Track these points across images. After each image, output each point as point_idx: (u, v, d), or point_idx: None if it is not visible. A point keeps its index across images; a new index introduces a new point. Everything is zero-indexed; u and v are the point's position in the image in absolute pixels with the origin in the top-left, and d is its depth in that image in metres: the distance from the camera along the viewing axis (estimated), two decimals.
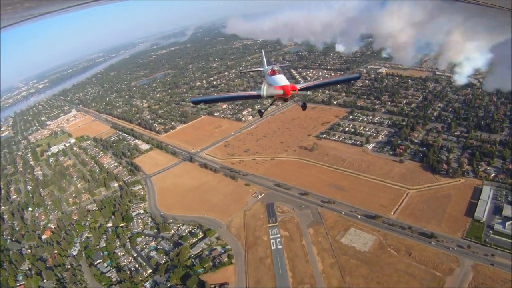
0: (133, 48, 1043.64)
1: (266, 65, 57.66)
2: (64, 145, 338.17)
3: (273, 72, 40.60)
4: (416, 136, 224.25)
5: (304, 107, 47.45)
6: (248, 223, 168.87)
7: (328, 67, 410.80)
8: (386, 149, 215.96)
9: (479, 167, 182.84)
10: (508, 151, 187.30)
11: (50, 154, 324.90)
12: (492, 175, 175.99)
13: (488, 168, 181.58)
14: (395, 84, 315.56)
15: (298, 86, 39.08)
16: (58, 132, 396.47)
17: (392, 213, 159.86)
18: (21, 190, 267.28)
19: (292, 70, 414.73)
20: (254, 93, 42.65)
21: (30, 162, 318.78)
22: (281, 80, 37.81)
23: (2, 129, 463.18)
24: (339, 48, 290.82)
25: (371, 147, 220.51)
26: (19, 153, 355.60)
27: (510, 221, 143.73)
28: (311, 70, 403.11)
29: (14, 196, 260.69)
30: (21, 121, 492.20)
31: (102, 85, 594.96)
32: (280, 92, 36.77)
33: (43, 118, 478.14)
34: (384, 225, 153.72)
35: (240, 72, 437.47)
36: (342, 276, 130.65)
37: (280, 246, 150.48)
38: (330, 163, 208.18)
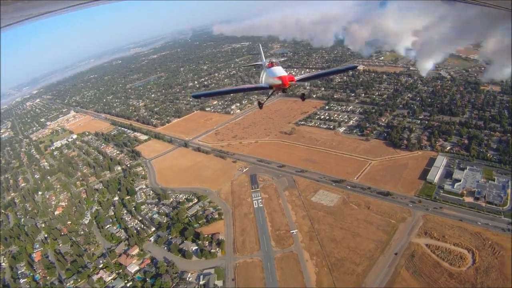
0: (124, 53, 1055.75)
1: (264, 58, 62.60)
2: (67, 140, 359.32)
3: (271, 64, 43.63)
4: (383, 120, 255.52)
5: (303, 97, 55.66)
6: (234, 190, 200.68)
7: (310, 66, 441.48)
8: (355, 131, 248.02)
9: (437, 142, 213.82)
10: (466, 129, 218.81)
11: (54, 148, 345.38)
12: (448, 148, 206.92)
13: (444, 143, 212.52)
14: (370, 79, 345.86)
15: (297, 77, 42.46)
16: (59, 131, 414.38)
17: (355, 178, 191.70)
18: (29, 179, 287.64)
19: None
20: (260, 85, 46.71)
21: (35, 156, 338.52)
22: (280, 71, 40.82)
23: (1, 131, 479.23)
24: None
25: (342, 130, 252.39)
26: (22, 149, 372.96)
27: (459, 182, 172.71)
28: (295, 69, 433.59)
29: (23, 184, 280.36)
30: (20, 123, 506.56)
31: (97, 88, 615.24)
32: (279, 82, 39.65)
33: (42, 120, 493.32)
34: (348, 187, 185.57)
35: (239, 67, 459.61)
36: (312, 224, 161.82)
37: (261, 205, 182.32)
38: (305, 143, 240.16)
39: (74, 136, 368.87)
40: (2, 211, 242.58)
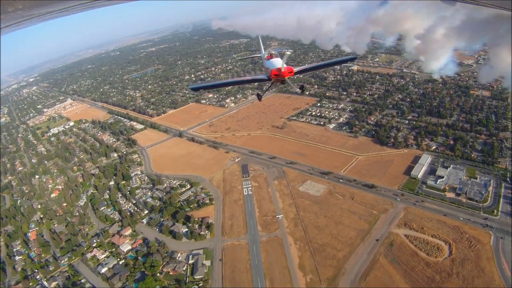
0: (121, 43, 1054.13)
1: (263, 51, 62.67)
2: (64, 127, 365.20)
3: (270, 56, 43.71)
4: (372, 119, 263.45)
5: (302, 89, 55.31)
6: (226, 178, 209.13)
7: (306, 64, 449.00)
8: (344, 128, 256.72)
9: (423, 142, 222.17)
10: (452, 131, 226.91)
11: (51, 134, 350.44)
12: (434, 147, 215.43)
13: (430, 143, 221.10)
14: (363, 79, 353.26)
15: (295, 69, 42.11)
16: (56, 117, 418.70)
17: (342, 171, 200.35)
18: (26, 163, 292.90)
19: None
20: (257, 77, 46.55)
21: (32, 142, 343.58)
22: (278, 63, 40.79)
23: None
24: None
25: (332, 127, 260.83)
26: (19, 135, 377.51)
27: (442, 179, 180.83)
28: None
29: (20, 168, 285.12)
30: (16, 109, 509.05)
31: (95, 78, 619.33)
32: (277, 73, 39.72)
33: (39, 106, 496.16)
34: (335, 179, 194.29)
35: (238, 59, 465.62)
36: (298, 212, 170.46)
37: (251, 192, 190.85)
38: (296, 138, 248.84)
39: (71, 123, 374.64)
40: None
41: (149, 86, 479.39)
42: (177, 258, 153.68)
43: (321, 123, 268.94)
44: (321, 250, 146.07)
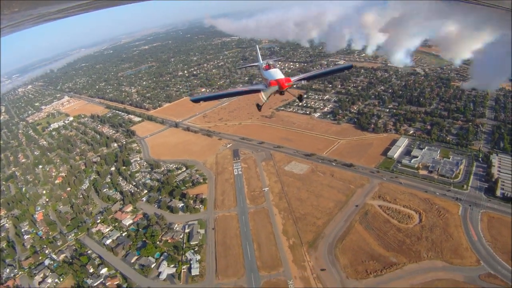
0: (116, 42, 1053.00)
1: (261, 60, 62.54)
2: (64, 122, 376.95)
3: (268, 67, 44.51)
4: (355, 108, 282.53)
5: (300, 99, 57.28)
6: (218, 161, 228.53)
7: (295, 60, 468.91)
8: (328, 116, 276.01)
9: (402, 127, 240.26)
10: (430, 117, 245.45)
11: (51, 129, 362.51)
12: (411, 132, 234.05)
13: (408, 128, 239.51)
14: (348, 73, 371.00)
15: (293, 79, 42.54)
16: (55, 113, 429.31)
17: (324, 153, 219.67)
18: (29, 156, 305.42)
19: None
20: (255, 87, 47.63)
21: (34, 136, 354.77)
22: (276, 74, 41.52)
23: None
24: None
25: (317, 115, 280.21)
26: (19, 131, 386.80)
27: (416, 158, 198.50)
28: (279, 62, 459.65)
29: (23, 160, 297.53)
30: (14, 108, 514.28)
31: (89, 76, 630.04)
32: (276, 85, 40.39)
33: (36, 104, 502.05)
34: (317, 159, 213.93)
35: (236, 68, 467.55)
36: (282, 187, 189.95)
37: (241, 172, 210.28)
38: (283, 125, 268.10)
39: (71, 118, 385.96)
40: (3, 182, 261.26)
41: (144, 82, 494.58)
42: (174, 228, 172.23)
43: (307, 112, 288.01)
44: (302, 218, 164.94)
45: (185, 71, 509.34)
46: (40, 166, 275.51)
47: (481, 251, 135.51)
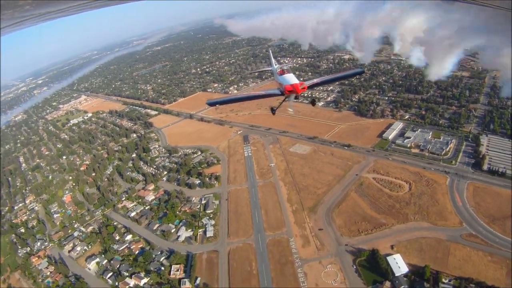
0: (127, 46, 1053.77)
1: (274, 65, 62.98)
2: (83, 118, 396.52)
3: (282, 72, 45.83)
4: (356, 97, 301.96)
5: (313, 103, 74.37)
6: (230, 145, 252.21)
7: (302, 56, 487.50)
8: (331, 105, 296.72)
9: (398, 113, 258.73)
10: (425, 103, 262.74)
11: (71, 124, 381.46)
12: (406, 117, 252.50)
13: (404, 113, 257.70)
14: (352, 66, 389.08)
15: (307, 83, 44.84)
16: (74, 111, 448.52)
17: (325, 136, 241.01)
18: (52, 149, 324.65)
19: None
20: (271, 92, 48.41)
21: (55, 131, 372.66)
22: (291, 79, 43.22)
23: (14, 114, 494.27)
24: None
25: (321, 104, 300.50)
26: (40, 127, 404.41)
27: (409, 139, 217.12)
28: (288, 58, 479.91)
29: (46, 153, 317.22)
30: (32, 107, 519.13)
31: (105, 76, 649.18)
32: (291, 89, 42.62)
33: (54, 103, 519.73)
34: (319, 142, 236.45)
35: (249, 73, 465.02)
36: (287, 165, 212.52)
37: (250, 154, 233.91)
38: (289, 114, 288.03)
39: (90, 114, 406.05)
40: (30, 172, 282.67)
41: (159, 80, 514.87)
42: (192, 200, 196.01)
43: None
44: (304, 189, 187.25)
45: (198, 69, 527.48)
46: (64, 157, 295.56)
47: (464, 214, 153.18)
